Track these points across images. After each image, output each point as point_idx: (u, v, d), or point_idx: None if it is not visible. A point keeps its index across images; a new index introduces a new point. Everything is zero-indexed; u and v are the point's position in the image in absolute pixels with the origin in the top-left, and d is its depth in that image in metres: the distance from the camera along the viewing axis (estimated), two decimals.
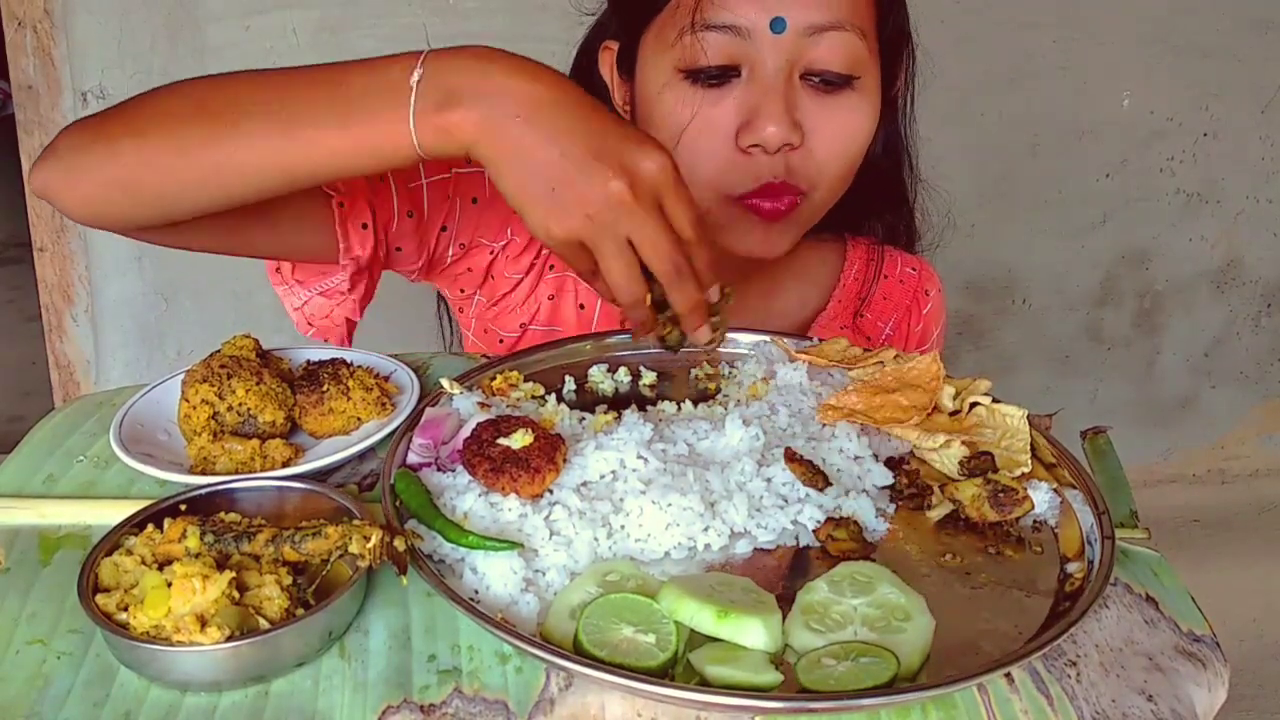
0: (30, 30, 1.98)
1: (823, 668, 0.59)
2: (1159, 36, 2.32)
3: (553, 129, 0.72)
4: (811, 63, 0.90)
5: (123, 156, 0.78)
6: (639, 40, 0.96)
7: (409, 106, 0.73)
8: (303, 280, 0.97)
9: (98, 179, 0.80)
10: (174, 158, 0.77)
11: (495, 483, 0.70)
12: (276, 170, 0.77)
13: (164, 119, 0.79)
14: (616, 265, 0.74)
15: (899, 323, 1.15)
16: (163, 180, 0.78)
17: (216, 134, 0.77)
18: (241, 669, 0.60)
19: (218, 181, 0.78)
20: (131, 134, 0.78)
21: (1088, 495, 0.74)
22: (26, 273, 2.39)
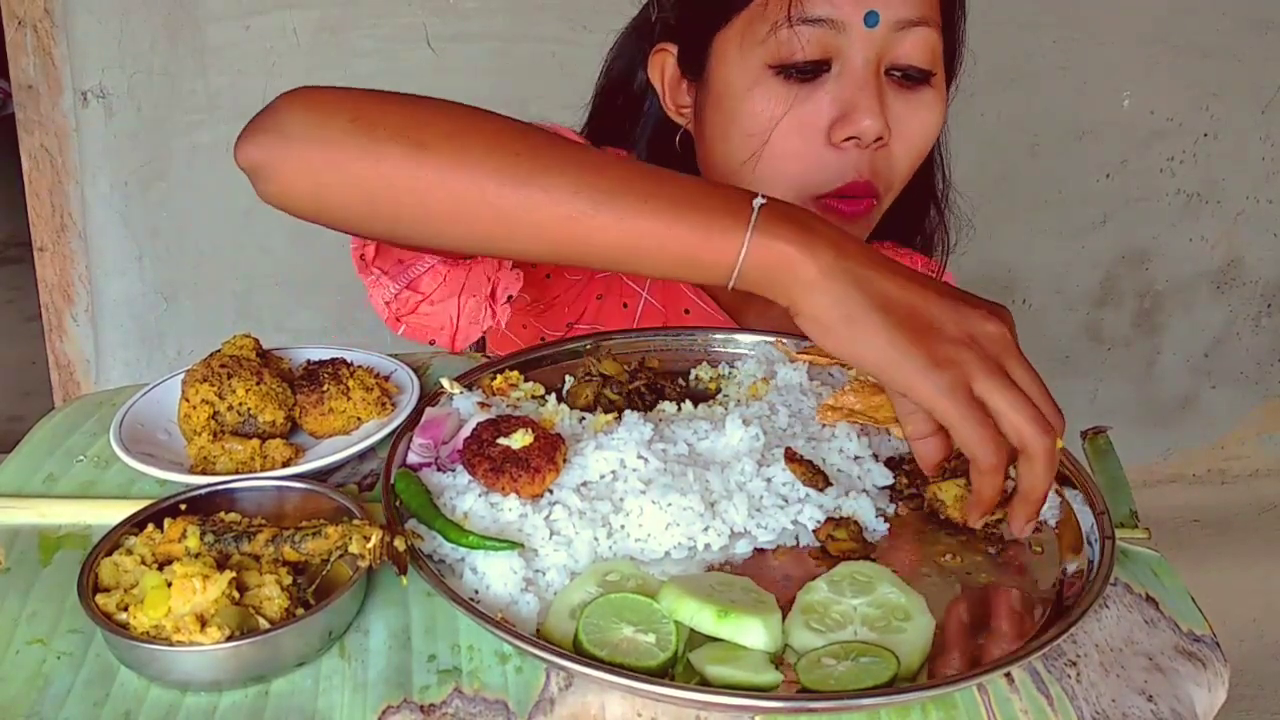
0: (30, 29, 1.98)
1: (823, 667, 0.59)
2: (1159, 36, 2.32)
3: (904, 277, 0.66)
4: (897, 58, 0.91)
5: (386, 162, 0.70)
6: (711, 40, 0.95)
7: (749, 222, 0.66)
8: (386, 269, 0.89)
9: (341, 174, 0.71)
10: (455, 186, 0.69)
11: (495, 483, 0.70)
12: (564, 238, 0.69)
13: (450, 137, 0.70)
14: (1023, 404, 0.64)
15: None
16: (428, 204, 0.70)
17: (515, 177, 0.68)
18: (241, 669, 0.60)
19: (492, 225, 0.70)
20: (403, 141, 0.70)
21: (1088, 495, 0.74)
22: (26, 273, 2.39)
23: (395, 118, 0.71)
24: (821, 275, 0.65)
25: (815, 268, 0.65)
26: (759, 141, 0.91)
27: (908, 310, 0.65)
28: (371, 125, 0.70)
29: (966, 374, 0.64)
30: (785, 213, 0.67)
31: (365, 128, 0.70)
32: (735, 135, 0.93)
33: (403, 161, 0.69)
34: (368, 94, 0.73)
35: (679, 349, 0.94)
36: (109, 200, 2.08)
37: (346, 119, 0.71)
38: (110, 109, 2.03)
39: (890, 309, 0.64)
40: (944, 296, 0.66)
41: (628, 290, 1.06)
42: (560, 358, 0.92)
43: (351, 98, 0.73)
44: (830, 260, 0.65)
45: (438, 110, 0.72)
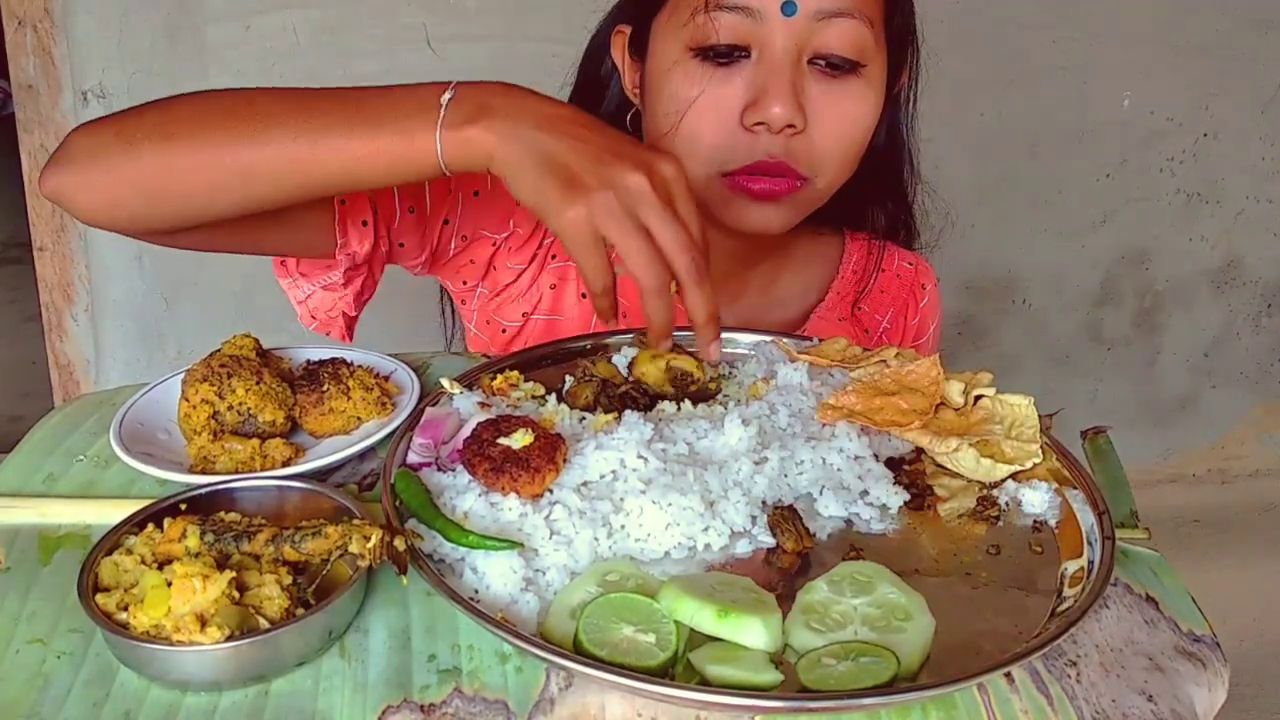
0: (30, 29, 1.98)
1: (823, 667, 0.59)
2: (1159, 36, 2.32)
3: (571, 135, 0.75)
4: (819, 47, 0.92)
5: (144, 159, 0.80)
6: (651, 22, 0.98)
7: (437, 121, 0.76)
8: (306, 273, 0.98)
9: (115, 181, 0.81)
10: (198, 160, 0.79)
11: (495, 482, 0.70)
12: (299, 176, 0.79)
13: (188, 123, 0.80)
14: (638, 247, 0.73)
15: (895, 316, 1.16)
16: (184, 183, 0.80)
17: (243, 139, 0.79)
18: (241, 669, 0.60)
19: (240, 186, 0.80)
20: (154, 136, 0.80)
21: (1088, 495, 0.74)
22: (26, 273, 2.39)
23: (149, 120, 0.81)
24: (500, 141, 0.75)
25: (494, 137, 0.75)
26: (676, 119, 0.95)
27: (560, 163, 0.74)
28: (130, 132, 0.81)
29: (593, 214, 0.72)
30: (471, 97, 0.76)
31: (125, 135, 0.80)
32: (659, 112, 0.97)
33: (156, 154, 0.80)
34: (135, 108, 0.83)
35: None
36: None
37: (111, 134, 0.81)
38: (110, 109, 2.03)
39: (546, 162, 0.74)
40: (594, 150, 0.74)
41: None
42: (560, 358, 0.92)
43: (119, 115, 0.83)
44: (505, 129, 0.75)
45: (186, 102, 0.82)
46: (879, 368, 0.87)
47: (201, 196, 0.81)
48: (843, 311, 1.13)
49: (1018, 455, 0.78)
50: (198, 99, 0.82)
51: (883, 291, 1.15)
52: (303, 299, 1.00)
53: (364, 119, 0.78)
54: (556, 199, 0.73)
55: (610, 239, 0.73)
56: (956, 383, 0.84)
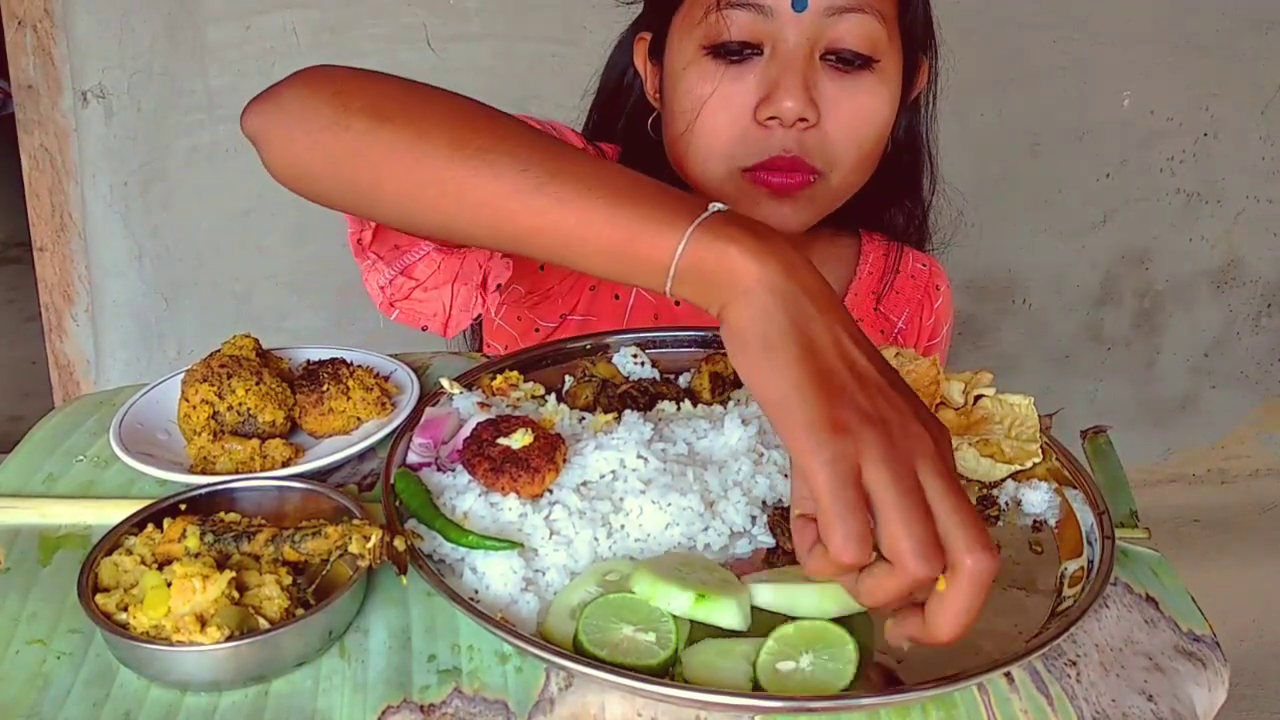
0: (30, 30, 1.98)
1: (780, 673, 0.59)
2: (1159, 36, 2.32)
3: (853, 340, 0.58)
4: (831, 42, 0.92)
5: (351, 133, 0.71)
6: (668, 25, 0.99)
7: (695, 219, 0.60)
8: (382, 255, 0.89)
9: (317, 146, 0.72)
10: (404, 158, 0.69)
11: (495, 482, 0.70)
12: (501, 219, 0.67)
13: (408, 111, 0.71)
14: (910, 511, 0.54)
15: (911, 317, 1.16)
16: (380, 176, 0.71)
17: (464, 156, 0.67)
18: (241, 669, 0.60)
19: (436, 204, 0.69)
20: (370, 114, 0.70)
21: (1088, 495, 0.74)
22: (26, 273, 2.39)
23: (371, 94, 0.72)
24: (759, 285, 0.58)
25: (756, 275, 0.58)
26: (691, 117, 0.95)
27: (830, 362, 0.57)
28: (347, 99, 0.72)
29: (860, 450, 0.54)
30: (740, 220, 0.61)
31: (342, 101, 0.72)
32: (675, 111, 0.97)
33: (364, 133, 0.70)
34: (359, 73, 0.74)
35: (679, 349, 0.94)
36: (109, 200, 2.08)
37: (330, 92, 0.72)
38: (110, 109, 2.03)
39: (813, 351, 0.56)
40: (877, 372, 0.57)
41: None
42: (560, 358, 0.92)
43: (342, 76, 0.74)
44: (775, 274, 0.58)
45: (415, 90, 0.73)
46: None
47: (396, 197, 0.71)
48: (862, 312, 1.14)
49: (1017, 455, 0.78)
50: (433, 91, 0.73)
51: (898, 293, 1.16)
52: (383, 284, 0.90)
53: (601, 184, 0.64)
54: (821, 413, 0.55)
55: (872, 489, 0.54)
56: (956, 383, 0.84)
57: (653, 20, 1.03)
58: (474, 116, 0.70)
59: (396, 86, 0.74)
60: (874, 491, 0.54)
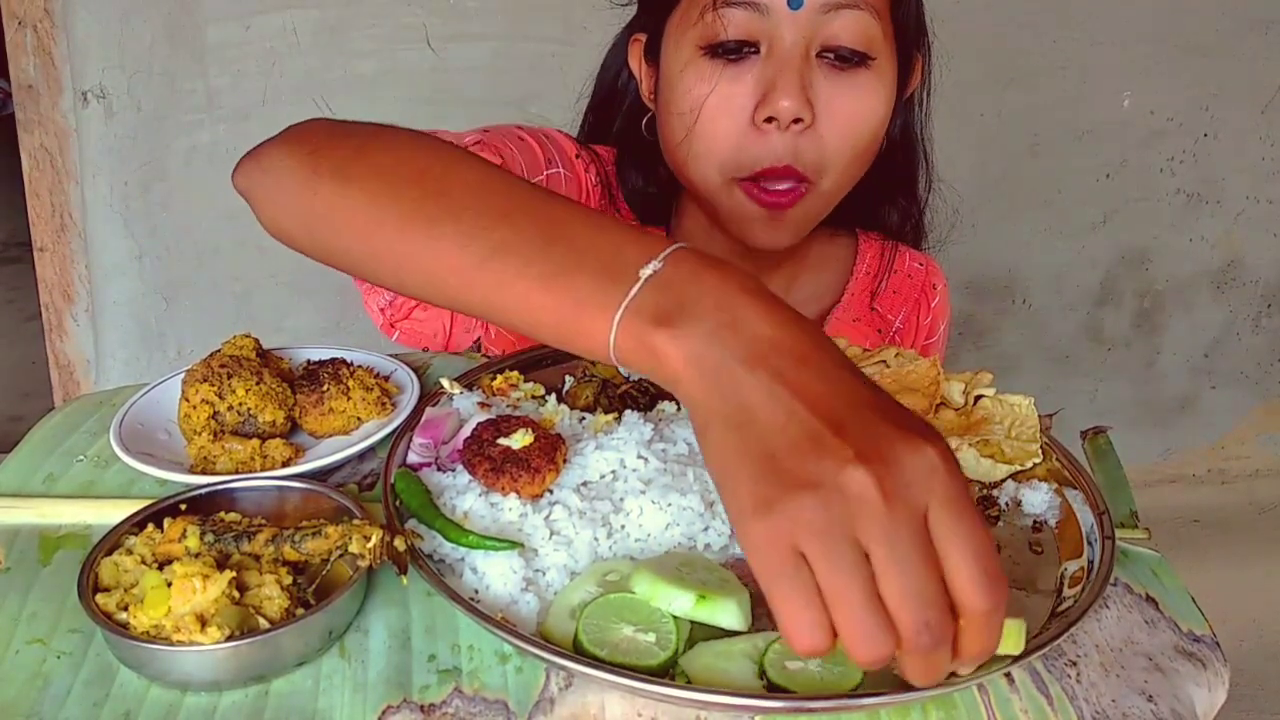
0: (30, 30, 1.98)
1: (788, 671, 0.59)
2: (1159, 36, 2.32)
3: (788, 387, 0.52)
4: (827, 39, 0.92)
5: (318, 198, 0.71)
6: (664, 25, 0.98)
7: (623, 300, 0.56)
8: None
9: (290, 208, 0.73)
10: (363, 229, 0.69)
11: (495, 482, 0.70)
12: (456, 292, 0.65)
13: (371, 172, 0.69)
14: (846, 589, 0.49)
15: (908, 316, 1.17)
16: (345, 245, 0.71)
17: (413, 228, 0.66)
18: (241, 669, 0.60)
19: (394, 274, 0.69)
20: (337, 176, 0.70)
21: (1088, 495, 0.74)
22: (26, 273, 2.39)
23: (342, 152, 0.71)
24: (685, 368, 0.54)
25: (681, 359, 0.54)
26: (690, 119, 0.94)
27: (761, 434, 0.51)
28: (318, 160, 0.71)
29: (793, 529, 0.49)
30: (677, 283, 0.56)
31: (313, 162, 0.72)
32: (673, 115, 0.96)
33: (329, 196, 0.70)
34: (337, 129, 0.74)
35: None
36: (109, 200, 2.08)
37: (306, 152, 0.72)
38: (110, 109, 2.03)
39: (744, 424, 0.52)
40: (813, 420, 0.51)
41: None
42: (560, 358, 0.92)
43: (320, 133, 0.74)
44: (700, 350, 0.54)
45: (383, 147, 0.72)
46: (879, 368, 0.87)
47: (358, 259, 0.71)
48: (858, 312, 1.14)
49: (1017, 455, 0.78)
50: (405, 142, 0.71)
51: (895, 292, 1.16)
52: (383, 306, 0.91)
53: (546, 256, 0.61)
54: (746, 494, 0.51)
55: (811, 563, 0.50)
56: (957, 383, 0.84)
57: (647, 21, 1.02)
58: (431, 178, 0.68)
59: (367, 142, 0.72)
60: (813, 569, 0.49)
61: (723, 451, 0.53)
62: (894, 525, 0.49)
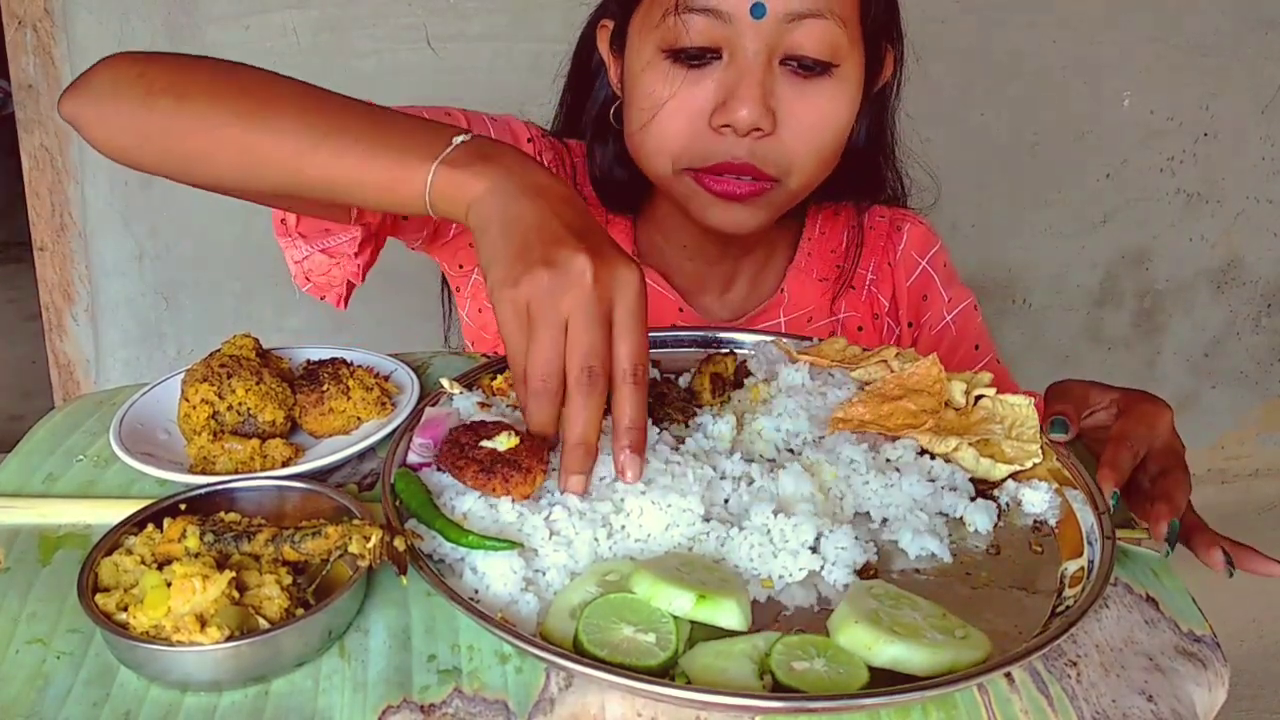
0: (30, 29, 1.98)
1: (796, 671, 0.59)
2: (1159, 36, 2.31)
3: (549, 208, 0.71)
4: (790, 48, 0.92)
5: (156, 112, 0.80)
6: (629, 20, 0.99)
7: (438, 157, 0.74)
8: (306, 235, 0.96)
9: (128, 126, 0.82)
10: (204, 127, 0.79)
11: (486, 484, 0.69)
12: (290, 173, 0.78)
13: (206, 88, 0.80)
14: (539, 335, 0.69)
15: (879, 265, 1.16)
16: (187, 146, 0.81)
17: (250, 118, 0.78)
18: (241, 669, 0.60)
19: (239, 165, 0.80)
20: (171, 93, 0.80)
21: (1088, 495, 0.74)
22: (26, 272, 2.39)
23: (171, 75, 0.82)
24: (485, 192, 0.72)
25: (481, 187, 0.72)
26: (648, 118, 0.96)
27: (522, 231, 0.70)
28: (150, 80, 0.81)
29: (524, 293, 0.68)
30: (480, 147, 0.75)
31: (145, 82, 0.81)
32: (634, 107, 0.98)
33: (168, 111, 0.80)
34: (162, 56, 0.84)
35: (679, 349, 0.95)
36: (109, 200, 2.08)
37: (135, 74, 0.82)
38: None
39: (510, 225, 0.71)
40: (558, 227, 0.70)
41: None
42: None
43: (146, 59, 0.83)
44: (494, 181, 0.72)
45: (209, 67, 0.83)
46: (880, 368, 0.87)
47: (204, 165, 0.81)
48: (823, 271, 1.13)
49: (1018, 455, 0.78)
50: (222, 67, 0.83)
51: (866, 246, 1.16)
52: (300, 259, 0.99)
53: (370, 135, 0.77)
54: (501, 267, 0.70)
55: (531, 319, 0.69)
56: (958, 383, 0.84)
57: (614, 10, 1.03)
58: (259, 86, 0.81)
59: (194, 66, 0.83)
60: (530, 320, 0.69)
61: (493, 244, 0.71)
62: (590, 300, 0.68)
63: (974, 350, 1.05)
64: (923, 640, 0.59)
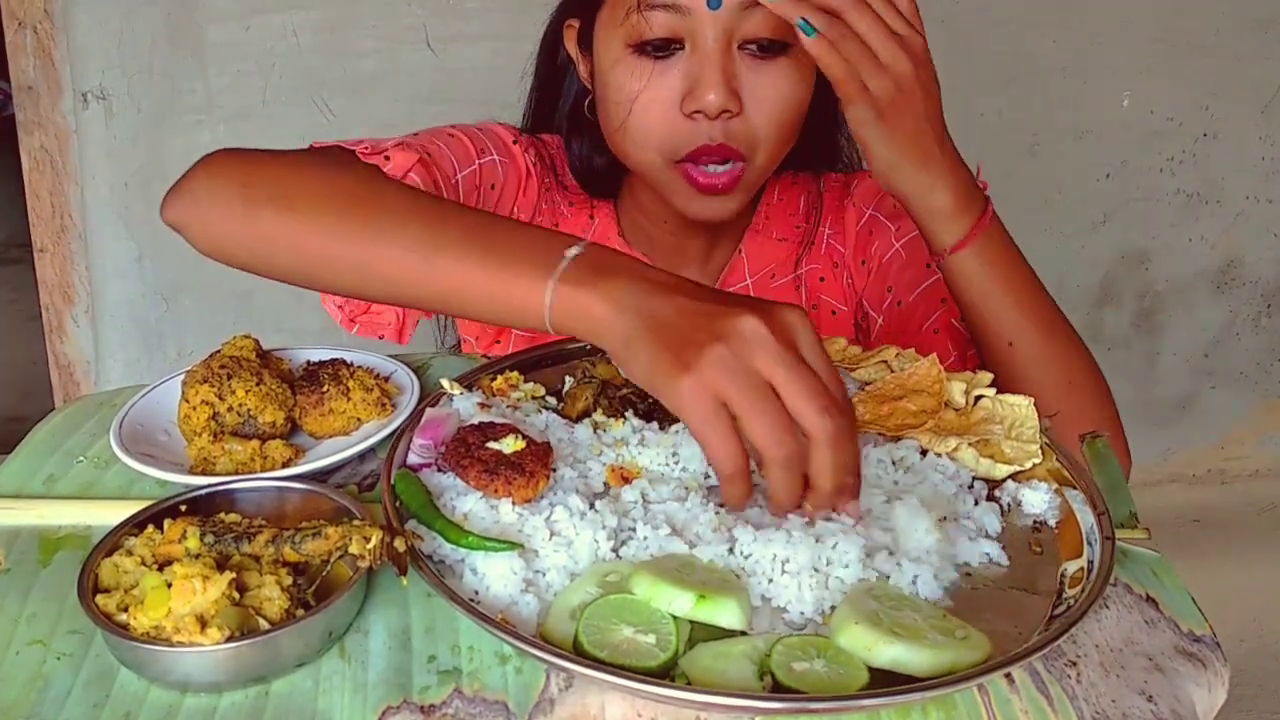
0: (30, 30, 1.98)
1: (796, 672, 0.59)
2: (1159, 36, 2.31)
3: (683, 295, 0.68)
4: (747, 33, 0.97)
5: (263, 224, 0.80)
6: (594, 19, 1.03)
7: (554, 274, 0.70)
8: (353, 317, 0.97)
9: (231, 234, 0.83)
10: (313, 244, 0.79)
11: (488, 485, 0.69)
12: (409, 287, 0.77)
13: (312, 200, 0.80)
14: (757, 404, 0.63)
15: (834, 221, 1.19)
16: (295, 260, 0.80)
17: (361, 235, 0.77)
18: (241, 669, 0.60)
19: (346, 278, 0.80)
20: (276, 204, 0.80)
21: (1088, 496, 0.74)
22: (26, 273, 2.39)
23: (273, 184, 0.82)
24: (611, 312, 0.68)
25: (606, 306, 0.68)
26: (624, 112, 1.00)
27: (672, 328, 0.66)
28: (253, 190, 0.81)
29: (710, 378, 0.63)
30: (593, 260, 0.71)
31: (248, 193, 0.81)
32: (609, 104, 1.02)
33: (273, 223, 0.80)
34: (261, 159, 0.84)
35: None
36: (109, 201, 2.08)
37: (237, 184, 0.82)
38: (110, 110, 2.03)
39: (657, 331, 0.66)
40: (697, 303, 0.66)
41: None
42: (560, 359, 0.92)
43: (245, 165, 0.84)
44: (620, 295, 0.68)
45: (315, 171, 0.83)
46: (880, 368, 0.87)
47: (314, 273, 0.81)
48: (782, 232, 1.18)
49: (1017, 455, 0.78)
50: (328, 169, 0.83)
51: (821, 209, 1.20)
52: (340, 303, 0.98)
53: (484, 247, 0.74)
54: (668, 369, 0.64)
55: (727, 401, 0.63)
56: (958, 383, 0.84)
57: (578, 10, 1.07)
58: (363, 195, 0.80)
59: (295, 169, 0.83)
60: (730, 407, 0.63)
61: (649, 352, 0.66)
62: (783, 351, 0.64)
63: (925, 269, 1.07)
64: (923, 641, 0.59)
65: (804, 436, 0.64)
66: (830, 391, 0.65)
